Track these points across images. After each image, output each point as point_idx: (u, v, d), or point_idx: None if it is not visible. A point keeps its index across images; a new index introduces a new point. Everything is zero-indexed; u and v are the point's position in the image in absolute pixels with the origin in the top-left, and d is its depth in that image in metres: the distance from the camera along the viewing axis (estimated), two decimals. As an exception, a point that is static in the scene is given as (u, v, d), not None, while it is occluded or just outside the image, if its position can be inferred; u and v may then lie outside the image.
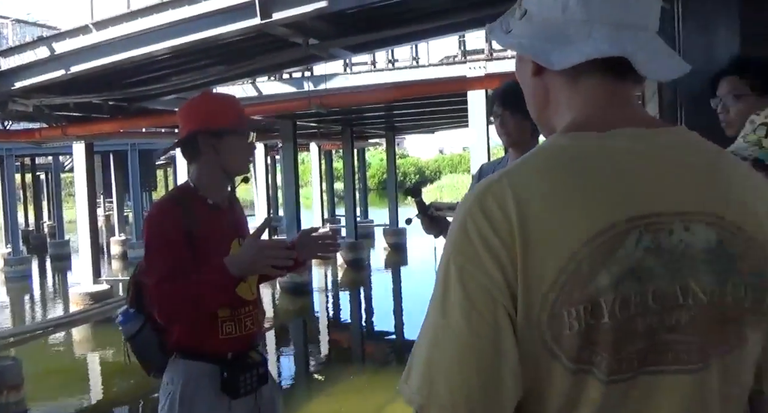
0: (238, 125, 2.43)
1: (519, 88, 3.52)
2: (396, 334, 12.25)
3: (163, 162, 30.98)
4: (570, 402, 0.90)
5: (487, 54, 12.44)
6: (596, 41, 0.94)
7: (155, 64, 9.77)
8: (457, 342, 0.88)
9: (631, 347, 0.88)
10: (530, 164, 0.95)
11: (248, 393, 2.37)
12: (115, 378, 10.07)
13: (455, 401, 0.88)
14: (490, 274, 0.88)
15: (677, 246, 0.89)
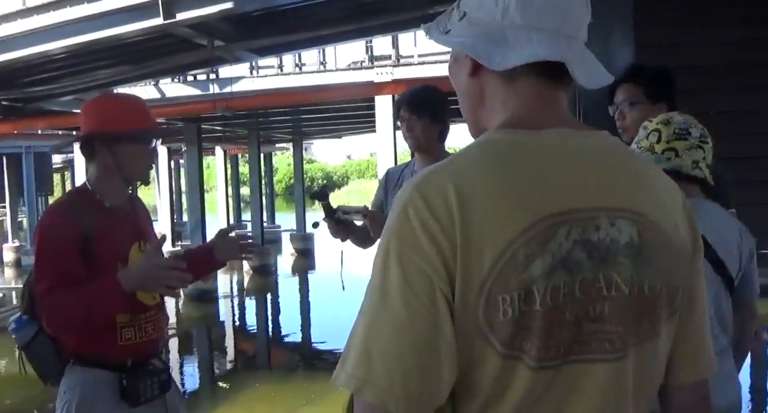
0: (137, 130, 2.34)
1: (426, 93, 3.57)
2: (303, 341, 12.18)
3: (60, 165, 29.88)
4: (499, 387, 0.93)
5: (394, 60, 12.56)
6: (535, 46, 0.98)
7: (52, 63, 9.42)
8: (395, 324, 0.91)
9: (560, 335, 0.93)
10: (468, 157, 0.99)
11: (149, 400, 2.31)
12: (7, 389, 9.64)
13: (392, 382, 0.90)
14: (430, 259, 0.90)
15: (603, 240, 0.94)
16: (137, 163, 2.36)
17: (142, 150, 2.37)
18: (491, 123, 1.05)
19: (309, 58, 14.60)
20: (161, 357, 2.42)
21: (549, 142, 0.98)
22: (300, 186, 23.23)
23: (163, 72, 10.89)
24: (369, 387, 0.91)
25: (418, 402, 0.91)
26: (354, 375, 0.92)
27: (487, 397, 0.94)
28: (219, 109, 11.47)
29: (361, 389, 0.91)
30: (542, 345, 0.92)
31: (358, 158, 63.23)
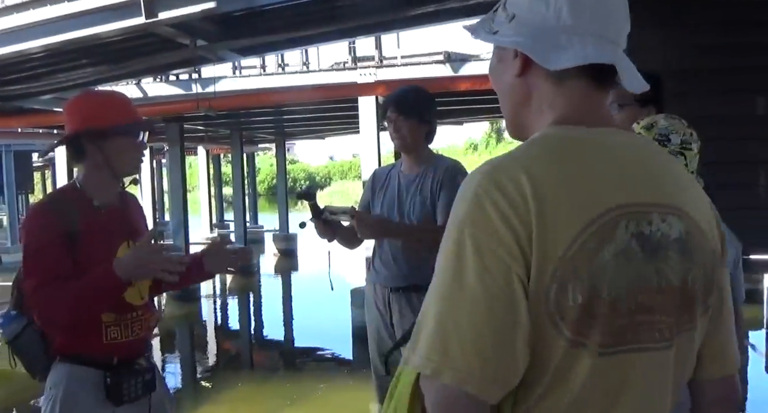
0: (125, 124, 2.35)
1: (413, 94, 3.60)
2: (285, 341, 12.14)
3: (41, 164, 29.60)
4: (562, 374, 0.97)
5: (378, 61, 12.55)
6: (587, 48, 1.04)
7: (32, 62, 9.33)
8: (473, 308, 0.94)
9: (618, 323, 0.97)
10: (532, 150, 1.04)
11: (133, 400, 2.31)
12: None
13: (470, 364, 0.92)
14: (506, 244, 0.94)
15: (655, 234, 1.00)
16: (127, 158, 2.36)
17: (130, 144, 2.37)
18: (536, 122, 1.10)
19: (292, 58, 14.58)
20: (148, 357, 2.43)
21: (603, 138, 1.04)
22: (283, 186, 23.16)
23: (145, 71, 10.81)
24: (447, 370, 0.93)
25: (496, 384, 0.94)
26: (430, 358, 0.94)
27: (549, 384, 0.97)
28: (202, 108, 11.43)
29: (439, 372, 0.93)
30: (604, 332, 0.96)
31: (340, 159, 63.15)
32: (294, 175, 50.68)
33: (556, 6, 1.05)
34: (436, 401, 0.95)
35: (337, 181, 52.88)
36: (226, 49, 8.66)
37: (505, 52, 1.13)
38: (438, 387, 0.95)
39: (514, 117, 1.16)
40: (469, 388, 0.93)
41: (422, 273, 3.13)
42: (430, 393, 0.96)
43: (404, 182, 3.27)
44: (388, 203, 3.27)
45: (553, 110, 1.08)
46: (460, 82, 11.42)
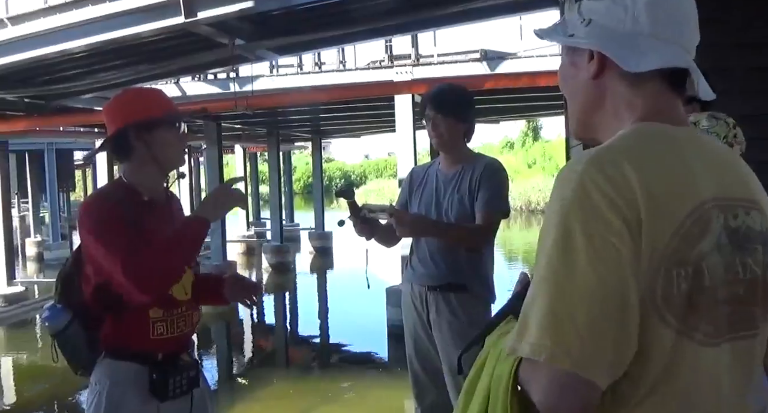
0: (167, 115, 2.36)
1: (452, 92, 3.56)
2: (320, 339, 12.20)
3: (82, 162, 30.11)
4: (670, 364, 0.98)
5: (414, 59, 12.54)
6: (665, 53, 1.08)
7: (74, 62, 9.49)
8: (586, 294, 0.94)
9: (718, 313, 1.00)
10: (629, 142, 1.06)
11: (178, 396, 2.31)
12: (30, 381, 9.76)
13: (585, 349, 0.93)
14: (617, 230, 0.95)
15: (741, 227, 1.04)
16: (172, 150, 2.37)
17: (174, 136, 2.38)
18: (610, 123, 1.13)
19: (328, 57, 14.62)
20: (191, 353, 2.44)
21: (687, 135, 1.07)
22: (319, 185, 23.26)
23: (183, 70, 10.94)
24: (562, 355, 0.93)
25: (609, 369, 0.95)
26: (543, 344, 0.94)
27: (658, 376, 0.98)
28: (239, 107, 11.51)
29: (555, 356, 0.93)
30: (708, 321, 0.98)
31: (376, 158, 63.24)
32: (329, 173, 50.89)
33: (634, 12, 1.09)
34: (550, 386, 0.95)
35: (372, 179, 52.99)
36: (264, 48, 8.72)
37: (578, 55, 1.16)
38: (551, 373, 0.94)
39: (585, 118, 1.18)
40: (584, 372, 0.93)
41: (459, 272, 3.14)
42: (541, 379, 0.96)
43: (442, 180, 3.25)
44: (425, 202, 3.26)
45: (632, 111, 1.11)
46: (496, 81, 11.37)
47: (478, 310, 3.12)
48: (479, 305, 3.15)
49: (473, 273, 3.12)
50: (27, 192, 25.90)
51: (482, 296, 3.17)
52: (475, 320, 3.03)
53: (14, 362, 11.04)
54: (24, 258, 22.79)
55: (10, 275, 14.03)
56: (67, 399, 8.51)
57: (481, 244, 3.15)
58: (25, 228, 27.24)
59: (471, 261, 3.14)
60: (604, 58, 1.10)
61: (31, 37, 8.39)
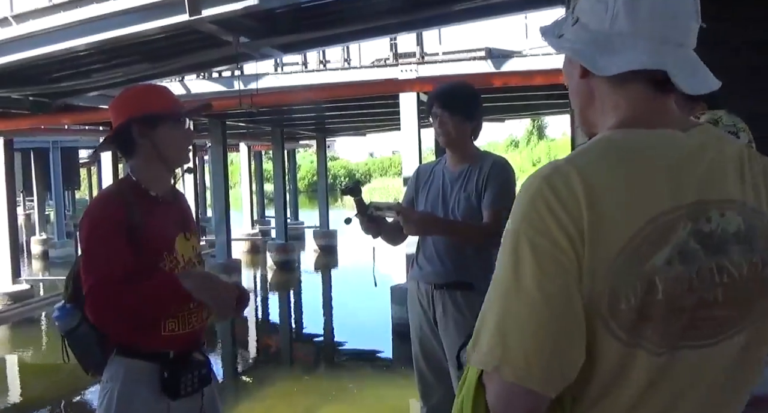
0: (171, 110, 2.35)
1: (459, 89, 3.55)
2: (324, 337, 12.20)
3: (87, 160, 30.16)
4: (618, 374, 1.00)
5: (419, 57, 12.53)
6: (639, 53, 1.05)
7: (79, 60, 9.50)
8: (530, 307, 0.96)
9: (677, 322, 0.98)
10: (590, 153, 1.05)
11: (189, 394, 2.29)
12: (35, 379, 9.76)
13: (529, 361, 0.96)
14: (561, 245, 0.97)
15: (714, 231, 1.01)
16: (176, 146, 2.36)
17: (178, 132, 2.37)
18: (600, 123, 1.12)
19: (333, 55, 14.63)
20: (203, 350, 2.42)
21: (661, 141, 1.04)
22: (323, 183, 23.26)
23: (188, 68, 10.94)
24: (507, 367, 0.96)
25: (554, 380, 0.97)
26: (491, 355, 0.98)
27: (607, 383, 0.99)
28: (244, 105, 11.50)
29: (499, 368, 0.97)
30: (661, 331, 0.97)
31: (380, 156, 63.25)
32: (334, 171, 50.89)
33: (613, 11, 1.06)
34: (498, 396, 1.00)
35: (377, 178, 52.99)
36: (269, 45, 8.72)
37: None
38: (499, 383, 0.98)
39: (582, 117, 1.19)
40: (528, 384, 0.96)
41: (466, 270, 3.13)
42: (491, 388, 1.00)
43: (449, 178, 3.24)
44: (432, 200, 3.25)
45: (615, 112, 1.11)
46: (501, 79, 11.35)
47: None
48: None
49: (480, 271, 3.11)
50: (32, 190, 25.96)
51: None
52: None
53: (19, 360, 11.06)
54: (29, 256, 22.84)
55: (15, 274, 14.05)
56: (73, 397, 8.52)
57: (488, 242, 3.14)
58: (30, 226, 27.33)
59: (478, 259, 3.12)
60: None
61: (35, 36, 8.40)
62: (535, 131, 45.13)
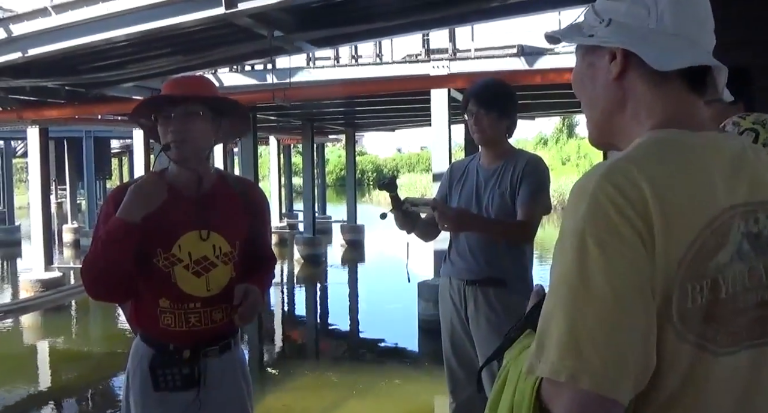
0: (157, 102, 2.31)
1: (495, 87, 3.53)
2: (351, 331, 12.23)
3: (119, 150, 30.49)
4: (689, 376, 0.97)
5: (451, 53, 12.49)
6: (694, 52, 1.06)
7: (115, 51, 9.60)
8: (604, 310, 0.92)
9: (738, 322, 0.98)
10: (645, 152, 1.03)
11: (171, 389, 2.28)
12: (65, 366, 9.91)
13: (606, 368, 0.91)
14: (632, 244, 0.94)
15: (762, 232, 1.02)
16: (164, 140, 2.30)
17: (164, 125, 2.29)
18: (630, 128, 1.10)
19: (365, 50, 14.62)
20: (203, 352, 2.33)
21: (709, 142, 1.04)
22: (352, 178, 23.28)
23: (222, 61, 11.01)
24: (585, 375, 0.91)
25: (630, 386, 0.93)
26: (563, 364, 0.92)
27: (676, 389, 0.97)
28: (277, 99, 11.55)
29: (576, 377, 0.91)
30: (724, 332, 0.97)
31: (408, 152, 63.16)
32: (362, 166, 50.94)
33: (657, 11, 1.07)
34: (572, 406, 0.93)
35: (404, 173, 52.93)
36: (303, 40, 8.76)
37: (597, 56, 1.13)
38: (573, 393, 0.92)
39: (605, 124, 1.15)
40: (606, 391, 0.91)
41: (498, 266, 3.13)
42: (563, 399, 0.94)
43: (483, 175, 3.24)
44: (466, 196, 3.25)
45: (651, 115, 1.09)
46: (533, 76, 11.27)
47: (517, 306, 3.10)
48: (518, 300, 3.13)
49: (513, 268, 3.10)
50: (65, 179, 26.31)
51: (521, 292, 3.14)
52: (514, 316, 3.01)
53: (51, 347, 11.22)
54: (61, 244, 23.16)
55: (48, 261, 14.26)
56: (102, 383, 8.65)
57: (523, 239, 3.14)
58: (62, 215, 27.72)
59: (510, 256, 3.12)
60: (627, 59, 1.08)
61: (73, 26, 8.51)
62: (565, 129, 44.80)
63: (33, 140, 14.02)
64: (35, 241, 14.22)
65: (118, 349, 8.30)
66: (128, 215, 2.16)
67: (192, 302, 2.30)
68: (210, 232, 2.32)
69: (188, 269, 2.29)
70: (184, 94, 2.28)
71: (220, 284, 2.34)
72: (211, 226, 2.33)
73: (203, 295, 2.31)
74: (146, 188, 2.20)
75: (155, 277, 2.28)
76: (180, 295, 2.29)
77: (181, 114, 2.26)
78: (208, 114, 2.32)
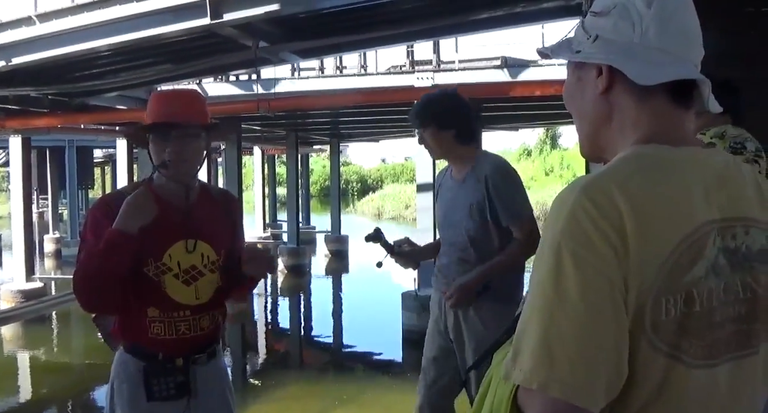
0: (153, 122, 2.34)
1: (423, 103, 3.55)
2: (335, 342, 12.21)
3: (102, 160, 30.30)
4: (661, 386, 0.99)
5: (435, 65, 12.54)
6: (675, 66, 1.08)
7: (99, 60, 9.57)
8: (577, 322, 0.95)
9: (712, 335, 1.01)
10: (625, 167, 1.06)
11: (164, 398, 2.31)
12: (46, 377, 9.83)
13: (576, 377, 0.94)
14: (606, 258, 0.96)
15: (740, 248, 1.05)
16: (158, 158, 2.34)
17: (160, 144, 2.34)
18: (617, 141, 1.13)
19: (350, 61, 14.68)
20: (195, 358, 2.38)
21: (690, 158, 1.06)
22: (336, 188, 23.32)
23: (206, 71, 10.98)
24: (555, 384, 0.94)
25: (600, 396, 0.95)
26: (536, 373, 0.96)
27: (648, 399, 0.99)
28: (262, 109, 11.55)
29: (546, 385, 0.95)
30: (698, 344, 0.99)
31: (392, 162, 63.16)
32: (346, 177, 50.89)
33: (642, 27, 1.09)
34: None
35: (389, 184, 52.92)
36: (288, 51, 8.76)
37: (585, 71, 1.16)
38: (544, 401, 0.96)
39: (593, 137, 1.18)
40: (576, 400, 0.94)
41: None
42: (534, 407, 0.97)
43: (456, 186, 3.24)
44: (445, 209, 3.28)
45: (636, 129, 1.11)
46: (516, 88, 11.34)
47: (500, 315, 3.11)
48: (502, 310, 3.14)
49: (498, 280, 3.11)
50: (47, 188, 26.10)
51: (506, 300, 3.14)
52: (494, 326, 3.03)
53: (32, 358, 11.12)
54: (42, 254, 22.96)
55: (29, 271, 14.15)
56: (84, 395, 8.58)
57: (532, 253, 3.13)
58: (43, 225, 27.46)
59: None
60: (613, 73, 1.10)
61: (58, 35, 8.46)
62: (548, 140, 45.02)
63: (15, 150, 13.97)
64: (16, 251, 14.14)
65: (100, 361, 8.23)
66: (125, 226, 2.20)
67: (182, 310, 2.34)
68: (197, 242, 2.38)
69: (178, 277, 2.34)
70: (187, 121, 2.33)
71: (208, 293, 2.40)
72: (200, 235, 2.39)
73: (192, 303, 2.36)
74: (140, 200, 2.25)
75: (145, 286, 2.31)
76: (170, 303, 2.33)
77: (180, 135, 2.32)
78: (204, 135, 2.40)
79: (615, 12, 1.11)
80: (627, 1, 1.10)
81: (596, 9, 1.15)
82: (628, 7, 1.10)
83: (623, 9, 1.10)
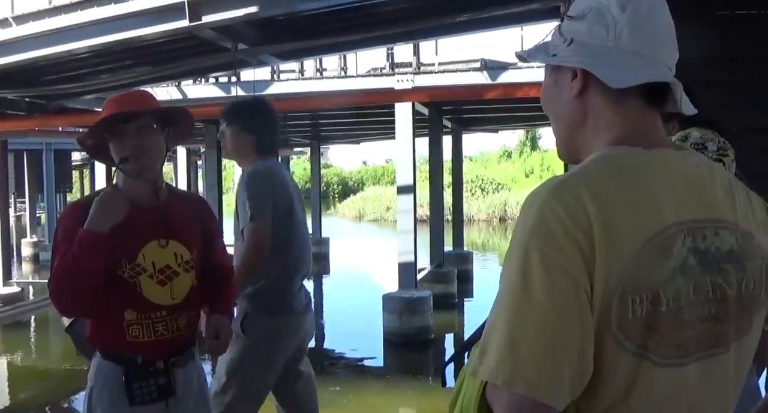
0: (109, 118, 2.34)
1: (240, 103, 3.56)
2: (316, 344, 12.17)
3: (80, 163, 30.07)
4: (628, 384, 1.01)
5: (415, 67, 12.58)
6: (646, 69, 1.10)
7: (77, 62, 9.50)
8: (542, 320, 0.97)
9: (680, 335, 1.02)
10: (594, 169, 1.08)
11: (146, 402, 2.30)
12: (24, 383, 9.72)
13: (541, 374, 0.96)
14: (572, 258, 0.98)
15: (709, 249, 1.06)
16: (117, 154, 2.34)
17: (118, 142, 2.34)
18: (591, 142, 1.14)
19: (330, 63, 14.66)
20: (174, 360, 2.38)
21: (661, 159, 1.08)
22: (317, 190, 23.27)
23: (186, 74, 10.96)
24: (519, 380, 0.96)
25: (565, 392, 0.97)
26: (501, 369, 0.98)
27: (616, 396, 1.01)
28: (240, 112, 11.50)
29: (511, 382, 0.97)
30: (666, 343, 1.01)
31: (373, 164, 63.18)
32: (327, 179, 50.80)
33: (616, 31, 1.10)
34: (509, 410, 0.99)
35: (369, 186, 52.89)
36: (267, 53, 8.76)
37: (561, 74, 1.18)
38: (509, 397, 0.98)
39: (569, 139, 1.20)
40: (540, 396, 0.96)
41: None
42: (500, 402, 1.00)
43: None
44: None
45: (610, 130, 1.13)
46: (496, 90, 11.41)
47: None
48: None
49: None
50: (24, 192, 25.87)
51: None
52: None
53: (9, 363, 11.00)
54: (20, 258, 22.72)
55: (6, 276, 14.01)
56: (62, 401, 8.50)
57: (257, 262, 3.14)
58: (21, 228, 27.19)
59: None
60: (588, 76, 1.12)
61: (35, 37, 8.39)
62: (528, 142, 45.20)
63: (-8, 153, 13.82)
64: (-7, 255, 13.98)
65: (78, 366, 8.17)
66: (97, 225, 2.20)
67: (158, 310, 2.33)
68: (169, 240, 2.39)
69: (153, 278, 2.33)
70: (135, 110, 2.33)
71: (183, 292, 2.40)
72: (172, 234, 2.40)
73: (168, 303, 2.36)
74: (110, 198, 2.25)
75: (121, 289, 2.29)
76: (146, 305, 2.32)
77: (134, 129, 2.32)
78: (159, 126, 2.39)
79: (590, 16, 1.13)
80: (602, 5, 1.12)
81: (572, 13, 1.16)
82: (603, 11, 1.12)
83: (598, 13, 1.12)
